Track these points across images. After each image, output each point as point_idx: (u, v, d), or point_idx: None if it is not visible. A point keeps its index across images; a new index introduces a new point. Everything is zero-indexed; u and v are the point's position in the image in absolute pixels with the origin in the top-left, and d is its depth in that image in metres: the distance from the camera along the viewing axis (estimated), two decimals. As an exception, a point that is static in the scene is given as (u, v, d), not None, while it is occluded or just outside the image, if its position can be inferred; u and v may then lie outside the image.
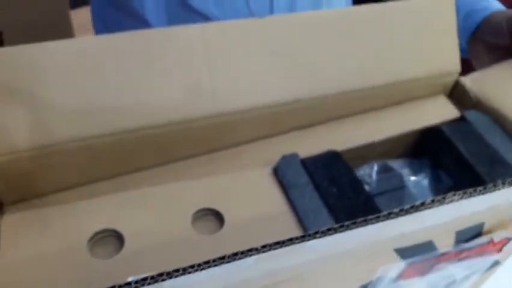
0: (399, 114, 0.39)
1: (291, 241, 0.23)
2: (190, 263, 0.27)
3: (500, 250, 0.34)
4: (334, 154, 0.35)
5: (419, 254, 0.29)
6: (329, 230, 0.23)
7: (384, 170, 0.37)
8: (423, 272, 0.32)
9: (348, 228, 0.23)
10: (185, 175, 0.34)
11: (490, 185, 0.24)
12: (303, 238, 0.23)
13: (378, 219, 0.24)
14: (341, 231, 0.23)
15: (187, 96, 0.33)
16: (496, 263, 0.38)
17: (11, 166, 0.31)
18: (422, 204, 0.25)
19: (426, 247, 0.29)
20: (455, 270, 0.35)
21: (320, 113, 0.38)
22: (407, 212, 0.25)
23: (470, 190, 0.23)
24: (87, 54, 0.30)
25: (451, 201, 0.23)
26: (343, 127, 0.38)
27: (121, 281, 0.25)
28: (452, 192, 0.23)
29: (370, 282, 0.29)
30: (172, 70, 0.33)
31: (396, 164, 0.37)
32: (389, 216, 0.24)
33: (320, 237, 0.23)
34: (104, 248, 0.28)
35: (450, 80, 0.42)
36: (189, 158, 0.36)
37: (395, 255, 0.27)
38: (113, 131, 0.32)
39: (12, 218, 0.29)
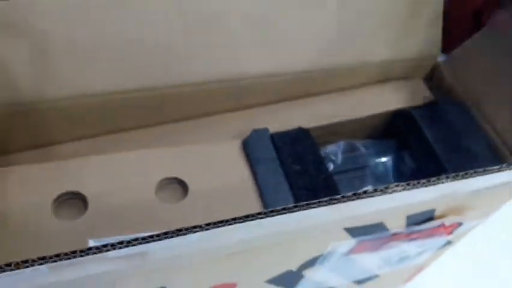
0: (372, 95, 0.40)
1: (246, 217, 0.24)
2: (149, 230, 0.29)
3: (450, 233, 0.36)
4: (302, 131, 0.36)
5: (369, 233, 0.30)
6: (283, 209, 0.24)
7: (351, 149, 0.38)
8: (374, 248, 0.34)
9: (301, 208, 0.25)
10: (157, 141, 0.35)
11: (434, 179, 0.25)
12: (258, 215, 0.24)
13: (330, 202, 0.26)
14: (293, 211, 0.25)
15: (160, 61, 0.34)
16: (448, 243, 0.40)
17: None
18: (374, 190, 0.26)
19: (377, 228, 0.30)
20: (408, 247, 0.37)
21: (293, 89, 0.39)
22: (358, 196, 0.26)
23: (414, 182, 0.25)
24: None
25: (393, 191, 0.24)
26: (316, 104, 0.39)
27: (82, 244, 0.27)
28: (395, 184, 0.24)
29: (321, 255, 0.31)
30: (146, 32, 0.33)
31: (363, 144, 0.38)
32: (341, 199, 0.25)
33: (273, 215, 0.25)
34: (68, 210, 0.29)
35: (428, 64, 0.42)
36: (162, 124, 0.37)
37: (345, 233, 0.29)
38: (85, 93, 0.33)
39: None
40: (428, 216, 0.33)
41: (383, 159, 0.38)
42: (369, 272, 0.40)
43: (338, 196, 0.26)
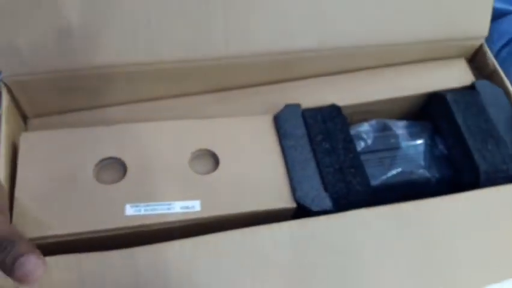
0: (411, 75, 0.40)
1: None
2: (182, 198, 0.31)
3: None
4: (335, 108, 0.36)
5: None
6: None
7: (383, 129, 0.38)
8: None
9: None
10: (193, 111, 0.37)
11: None
12: None
13: None
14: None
15: (199, 36, 0.35)
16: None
17: (34, 84, 0.34)
18: None
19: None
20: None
21: (332, 65, 0.39)
22: None
23: None
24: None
25: None
26: (353, 82, 0.39)
27: (119, 208, 0.30)
28: None
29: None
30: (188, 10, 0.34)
31: (396, 125, 0.38)
32: None
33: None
34: (108, 174, 0.31)
35: (474, 44, 0.41)
36: (199, 94, 0.38)
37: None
38: (129, 62, 0.35)
39: (31, 135, 0.33)
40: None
41: (416, 141, 0.38)
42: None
43: None
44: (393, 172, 0.36)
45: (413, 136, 0.38)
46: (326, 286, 0.29)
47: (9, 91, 0.34)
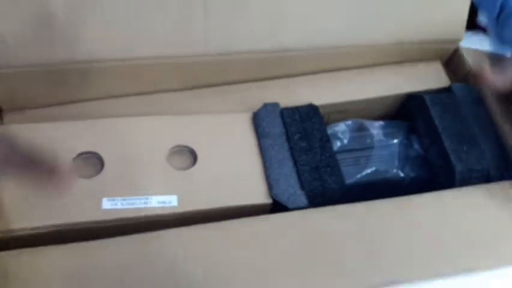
0: (388, 76, 0.41)
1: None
2: (159, 193, 0.31)
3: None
4: (312, 108, 0.37)
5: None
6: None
7: (359, 128, 0.39)
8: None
9: None
10: (172, 107, 0.37)
11: None
12: None
13: None
14: None
15: (179, 33, 0.35)
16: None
17: (11, 77, 0.34)
18: None
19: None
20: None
21: (311, 65, 0.40)
22: None
23: None
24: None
25: None
26: (331, 81, 0.40)
27: (97, 201, 0.30)
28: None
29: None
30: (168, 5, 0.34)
31: (372, 125, 0.39)
32: None
33: None
34: (86, 168, 0.32)
35: (450, 47, 0.42)
36: (179, 90, 0.39)
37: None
38: (109, 58, 0.35)
39: (7, 129, 0.33)
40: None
41: (391, 141, 0.39)
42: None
43: None
44: (368, 171, 0.37)
45: (389, 136, 0.39)
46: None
47: None
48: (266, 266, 0.28)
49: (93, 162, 0.32)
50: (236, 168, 0.34)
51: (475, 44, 0.42)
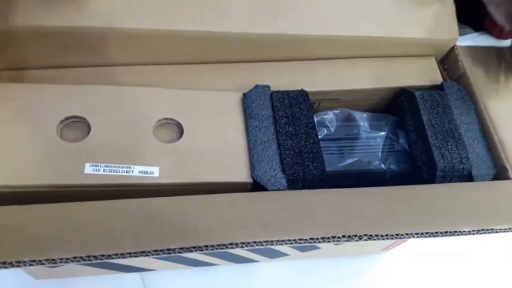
0: (382, 69, 0.41)
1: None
2: (142, 164, 0.32)
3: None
4: (302, 94, 0.38)
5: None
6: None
7: (346, 118, 0.40)
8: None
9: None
10: (163, 80, 0.38)
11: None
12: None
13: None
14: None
15: (176, 9, 0.35)
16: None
17: (9, 35, 0.34)
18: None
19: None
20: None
21: (303, 51, 0.40)
22: None
23: None
24: None
25: None
26: (325, 69, 0.41)
27: (80, 166, 0.31)
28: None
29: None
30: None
31: (359, 116, 0.40)
32: None
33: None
34: (72, 132, 0.32)
35: (446, 45, 0.42)
36: (172, 64, 0.39)
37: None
38: (105, 25, 0.35)
39: (1, 86, 0.33)
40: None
41: (377, 133, 0.39)
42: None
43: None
44: (350, 161, 0.37)
45: (375, 128, 0.40)
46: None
47: None
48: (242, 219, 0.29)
49: (80, 127, 0.33)
50: (221, 146, 0.34)
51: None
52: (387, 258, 0.50)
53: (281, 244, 0.25)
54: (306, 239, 0.25)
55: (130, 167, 0.31)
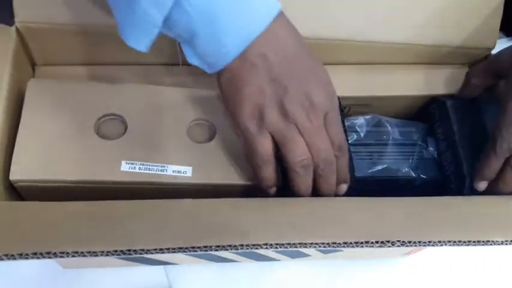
0: (414, 76, 0.42)
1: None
2: (176, 163, 0.33)
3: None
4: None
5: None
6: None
7: (377, 124, 0.40)
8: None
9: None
10: (196, 81, 0.39)
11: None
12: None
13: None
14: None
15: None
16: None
17: (47, 33, 0.36)
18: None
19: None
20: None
21: (338, 55, 0.41)
22: None
23: None
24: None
25: None
26: (357, 74, 0.41)
27: (116, 162, 0.32)
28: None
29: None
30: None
31: (390, 122, 0.40)
32: None
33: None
34: (109, 129, 0.34)
35: (481, 54, 0.43)
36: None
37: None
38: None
39: (39, 82, 0.35)
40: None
41: (407, 141, 0.40)
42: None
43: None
44: (379, 167, 0.38)
45: (405, 135, 0.40)
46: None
47: (21, 37, 0.36)
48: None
49: (117, 124, 0.34)
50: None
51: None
52: (408, 262, 0.51)
53: (314, 247, 0.26)
54: (339, 243, 0.26)
55: (164, 166, 0.32)
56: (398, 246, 0.26)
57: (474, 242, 0.27)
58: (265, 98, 0.30)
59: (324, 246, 0.26)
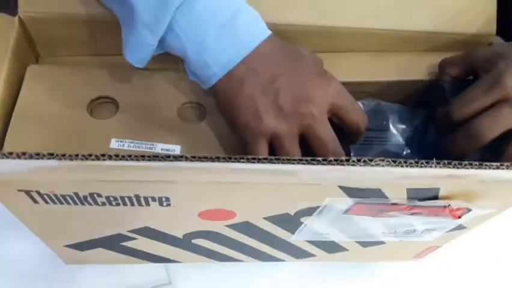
0: (413, 62, 0.41)
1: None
2: (165, 142, 0.34)
3: (459, 217, 0.37)
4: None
5: (366, 196, 0.33)
6: (288, 159, 0.26)
7: (375, 109, 0.40)
8: (374, 213, 0.36)
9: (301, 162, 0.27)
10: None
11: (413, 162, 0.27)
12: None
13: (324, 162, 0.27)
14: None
15: None
16: (461, 227, 0.41)
17: (50, 24, 0.37)
18: (370, 160, 0.27)
19: (374, 193, 0.33)
20: (414, 221, 0.39)
21: (336, 43, 0.41)
22: (353, 163, 0.27)
23: (400, 160, 0.26)
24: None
25: (377, 165, 0.26)
26: (355, 60, 0.41)
27: (105, 140, 0.33)
28: (380, 158, 0.26)
29: (318, 207, 0.34)
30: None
31: (389, 107, 0.40)
32: (339, 162, 0.27)
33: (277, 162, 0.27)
34: (101, 110, 0.35)
35: (481, 41, 0.42)
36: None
37: (340, 191, 0.32)
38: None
39: (38, 67, 0.36)
40: (432, 194, 0.34)
41: (406, 126, 0.39)
42: (373, 236, 0.42)
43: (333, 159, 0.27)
44: (377, 151, 0.37)
45: (404, 121, 0.40)
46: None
47: (24, 28, 0.37)
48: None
49: (109, 107, 0.35)
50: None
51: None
52: (418, 265, 0.49)
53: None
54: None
55: (153, 144, 0.33)
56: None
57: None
58: (258, 106, 0.32)
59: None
